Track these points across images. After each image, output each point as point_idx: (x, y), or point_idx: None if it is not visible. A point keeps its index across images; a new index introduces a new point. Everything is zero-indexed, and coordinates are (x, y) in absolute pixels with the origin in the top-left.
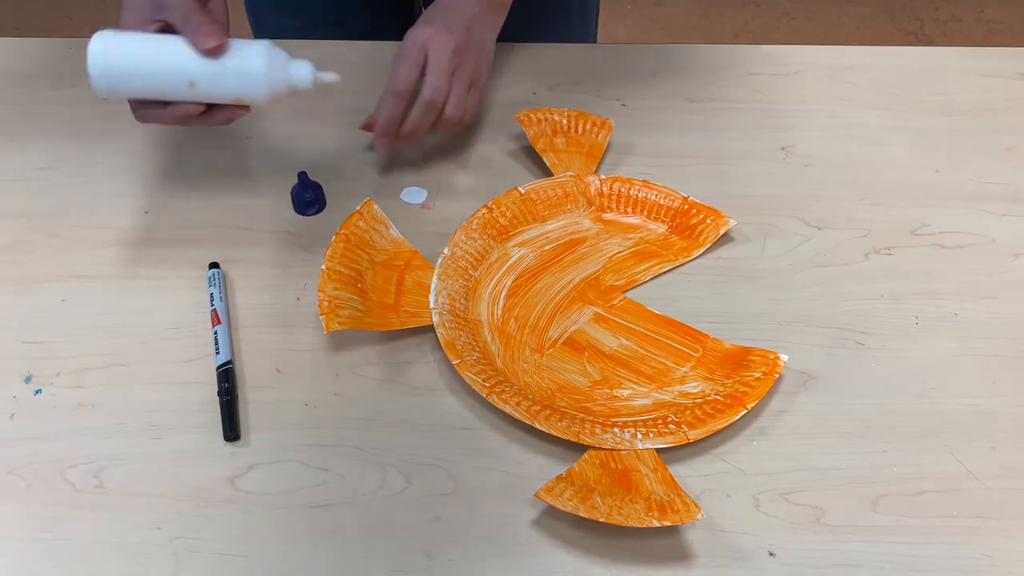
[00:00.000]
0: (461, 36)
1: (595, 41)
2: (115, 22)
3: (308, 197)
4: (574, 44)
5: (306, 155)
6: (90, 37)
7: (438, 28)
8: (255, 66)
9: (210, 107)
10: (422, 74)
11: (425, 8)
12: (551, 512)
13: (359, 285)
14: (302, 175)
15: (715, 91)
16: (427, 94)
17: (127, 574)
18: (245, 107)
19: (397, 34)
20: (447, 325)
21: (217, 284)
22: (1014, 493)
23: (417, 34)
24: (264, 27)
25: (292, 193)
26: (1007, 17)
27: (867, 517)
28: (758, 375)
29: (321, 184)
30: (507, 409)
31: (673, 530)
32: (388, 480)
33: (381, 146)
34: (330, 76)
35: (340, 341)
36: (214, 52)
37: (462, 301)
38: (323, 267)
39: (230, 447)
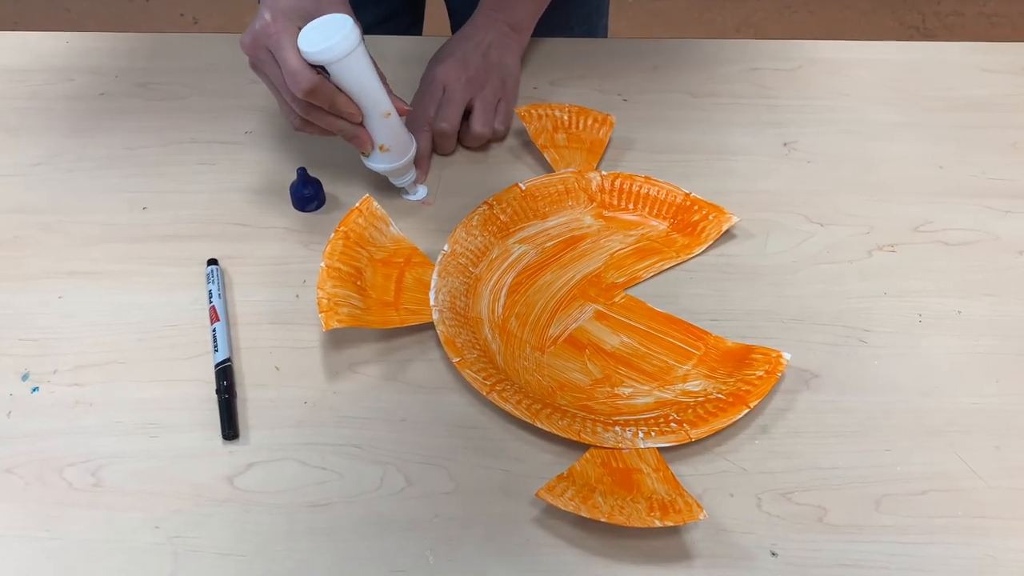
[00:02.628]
0: (475, 65)
1: (606, 35)
2: (111, 16)
3: (307, 193)
4: (575, 39)
5: (305, 151)
6: (88, 32)
7: (453, 63)
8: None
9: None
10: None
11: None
12: (552, 511)
13: (358, 282)
14: (301, 171)
15: (717, 86)
16: (438, 124)
17: (125, 573)
18: (370, 147)
19: (407, 24)
20: (447, 323)
21: (216, 281)
22: (1018, 493)
23: (435, 71)
24: None
25: (291, 189)
26: (1009, 11)
27: (870, 517)
28: (760, 373)
29: (320, 180)
30: (507, 407)
31: (675, 530)
32: (388, 479)
33: (420, 177)
34: (421, 193)
35: (339, 339)
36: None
37: (462, 298)
38: (322, 264)
39: (229, 445)
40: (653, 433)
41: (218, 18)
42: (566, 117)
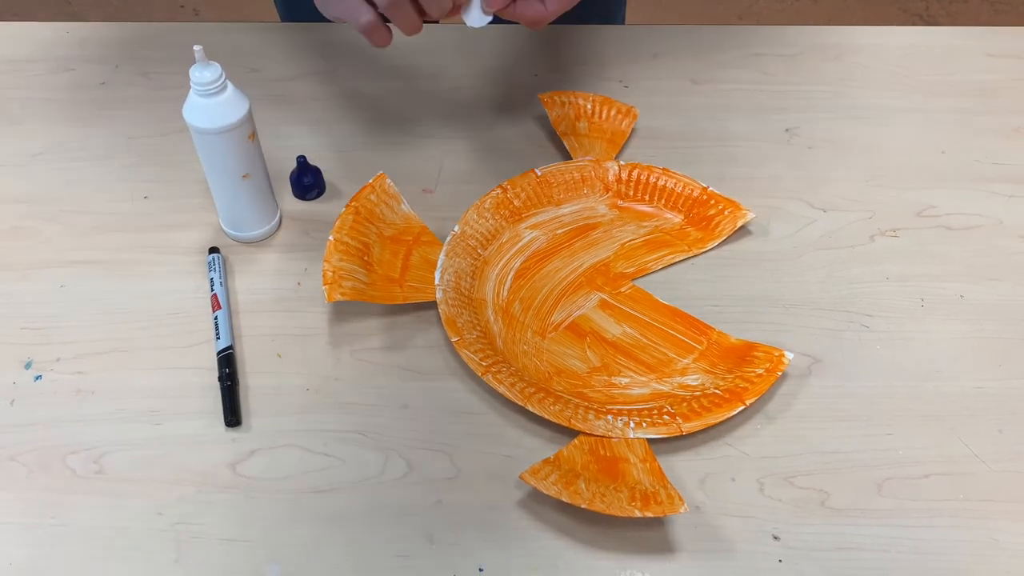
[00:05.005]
0: None
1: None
2: (111, 8)
3: (307, 181)
4: (575, 24)
5: (305, 139)
6: (88, 20)
7: None
8: None
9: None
10: None
11: None
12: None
13: (365, 258)
14: (301, 159)
15: (718, 72)
16: None
17: (129, 560)
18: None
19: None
20: (450, 302)
21: (217, 269)
22: (1021, 476)
23: None
24: (293, 8)
25: (291, 177)
26: None
27: (872, 500)
28: (760, 371)
29: (320, 168)
30: (501, 389)
31: (678, 515)
32: (390, 465)
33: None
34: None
35: (342, 326)
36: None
37: (468, 280)
38: (331, 238)
39: (231, 432)
40: (644, 424)
41: (218, 8)
42: (589, 106)
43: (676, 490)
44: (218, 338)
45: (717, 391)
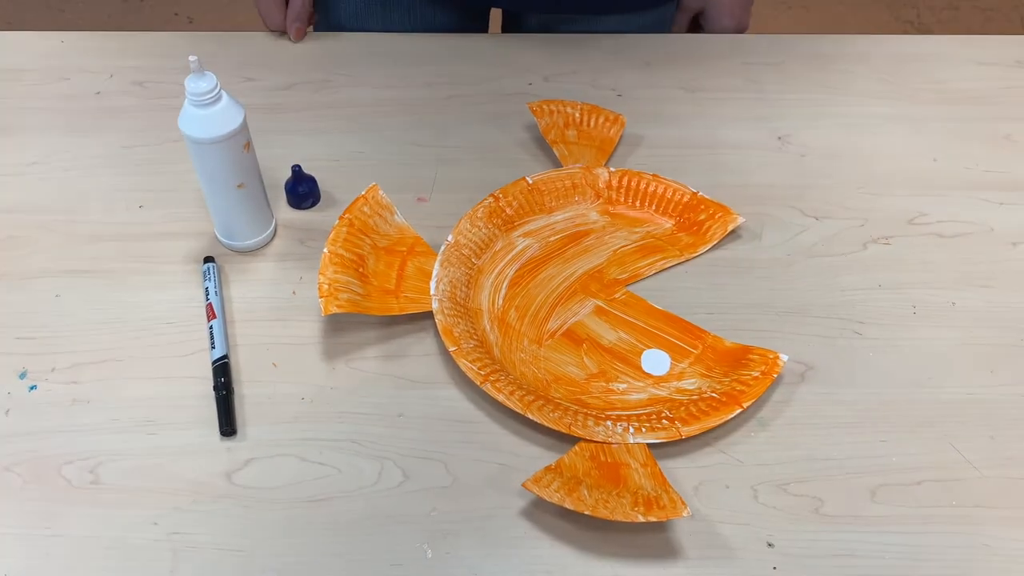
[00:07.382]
0: None
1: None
2: (105, 17)
3: (302, 190)
4: (567, 35)
5: (300, 148)
6: (83, 30)
7: None
8: None
9: None
10: None
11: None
12: (550, 505)
13: (360, 269)
14: (296, 168)
15: (711, 80)
16: None
17: (125, 570)
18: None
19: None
20: (446, 312)
21: (212, 278)
22: (1012, 482)
23: None
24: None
25: (286, 187)
26: (1004, 5)
27: (865, 507)
28: (756, 374)
29: (315, 177)
30: (500, 398)
31: (672, 522)
32: (385, 474)
33: None
34: None
35: (337, 335)
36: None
37: (463, 289)
38: (325, 251)
39: (226, 442)
40: (644, 429)
41: (212, 17)
42: (577, 114)
43: (678, 494)
44: (213, 347)
45: (714, 395)
